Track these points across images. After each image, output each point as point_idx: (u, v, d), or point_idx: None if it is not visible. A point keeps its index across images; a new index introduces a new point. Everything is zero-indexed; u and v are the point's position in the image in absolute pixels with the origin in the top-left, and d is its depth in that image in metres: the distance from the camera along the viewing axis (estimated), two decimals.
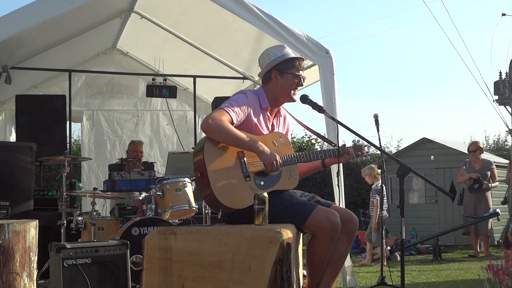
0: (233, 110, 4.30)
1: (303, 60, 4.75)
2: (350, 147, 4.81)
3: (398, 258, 11.66)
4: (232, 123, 4.27)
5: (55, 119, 9.59)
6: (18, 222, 3.45)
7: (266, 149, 4.29)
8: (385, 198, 10.89)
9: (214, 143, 4.23)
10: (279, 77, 4.62)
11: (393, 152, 20.10)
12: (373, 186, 11.36)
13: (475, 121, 43.74)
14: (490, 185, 11.53)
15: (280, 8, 47.61)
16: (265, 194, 3.98)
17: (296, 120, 4.92)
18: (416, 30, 45.76)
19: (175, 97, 10.62)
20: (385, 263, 7.90)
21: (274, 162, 4.27)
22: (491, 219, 11.14)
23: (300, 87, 4.66)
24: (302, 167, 4.84)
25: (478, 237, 11.86)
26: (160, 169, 10.61)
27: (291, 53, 4.73)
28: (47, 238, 6.55)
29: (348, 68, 42.15)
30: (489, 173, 11.68)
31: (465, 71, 46.18)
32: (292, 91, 4.62)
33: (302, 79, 4.64)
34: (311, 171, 5.03)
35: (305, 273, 4.59)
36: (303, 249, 4.75)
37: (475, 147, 11.88)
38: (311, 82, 8.59)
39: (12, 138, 11.30)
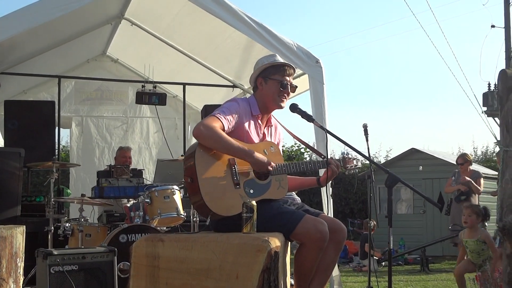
0: (225, 117, 4.30)
1: (292, 67, 4.72)
2: (338, 159, 4.81)
3: (383, 264, 11.68)
4: (223, 130, 4.27)
5: (43, 125, 9.56)
6: (5, 228, 3.43)
7: (257, 156, 4.29)
8: None
9: (205, 149, 4.23)
10: (263, 84, 4.62)
11: (382, 162, 20.16)
12: None
13: (463, 132, 43.97)
14: (474, 193, 11.54)
15: (270, 17, 47.75)
16: (254, 202, 3.98)
17: (287, 131, 4.92)
18: (406, 41, 46.03)
19: (165, 105, 10.60)
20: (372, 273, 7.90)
21: (266, 170, 4.30)
22: None
23: (286, 93, 4.61)
24: (296, 182, 4.86)
25: None
26: (149, 177, 10.60)
27: (280, 60, 4.73)
28: (34, 244, 6.52)
29: (338, 78, 42.27)
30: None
31: (454, 82, 46.41)
32: (278, 97, 4.59)
33: (287, 85, 4.60)
34: (306, 187, 5.06)
35: (293, 282, 4.58)
36: (290, 258, 4.75)
37: (463, 160, 11.89)
38: (300, 91, 8.58)
39: (0, 143, 11.26)
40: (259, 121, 4.63)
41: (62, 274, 5.28)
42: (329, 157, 4.76)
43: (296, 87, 4.73)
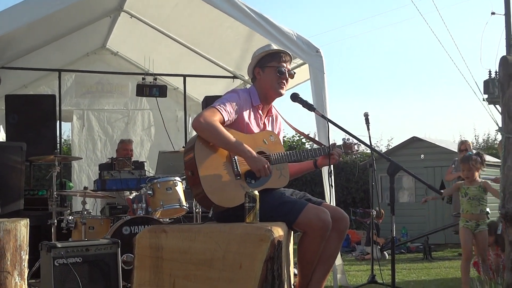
0: (224, 109, 4.30)
1: (287, 54, 4.71)
2: (340, 145, 4.81)
3: (387, 256, 11.71)
4: (223, 122, 4.27)
5: (45, 118, 9.57)
6: (9, 221, 3.44)
7: (254, 154, 4.27)
8: None
9: (205, 141, 4.23)
10: (261, 73, 4.62)
11: (383, 151, 20.15)
12: None
13: (465, 120, 43.99)
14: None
15: (270, 7, 47.67)
16: (256, 192, 3.98)
17: (287, 123, 4.90)
18: (406, 29, 46.00)
19: (165, 97, 10.60)
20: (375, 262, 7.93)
21: (262, 168, 4.26)
22: None
23: (284, 79, 4.60)
24: (294, 168, 4.84)
25: None
26: (151, 169, 10.61)
27: (274, 48, 4.73)
28: (37, 238, 6.53)
29: (339, 67, 42.24)
30: None
31: (455, 70, 46.38)
32: (277, 84, 4.59)
33: (284, 71, 4.58)
34: (303, 172, 5.03)
35: (296, 271, 4.59)
36: (294, 248, 4.76)
37: (465, 146, 11.86)
38: (301, 80, 8.61)
39: (2, 137, 11.27)
40: (260, 112, 4.63)
41: (66, 266, 5.29)
42: (331, 143, 4.74)
43: (294, 73, 4.74)
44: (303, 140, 22.80)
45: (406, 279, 8.55)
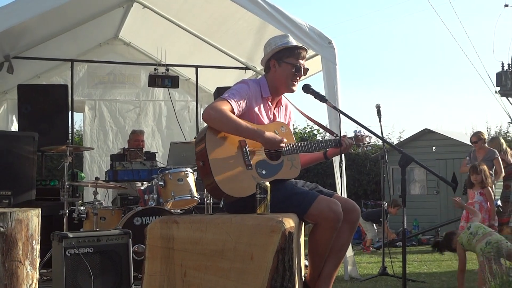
0: (234, 100, 4.28)
1: (305, 50, 4.68)
2: (351, 137, 4.79)
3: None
4: (233, 112, 4.25)
5: (57, 109, 9.60)
6: (20, 211, 3.45)
7: (267, 134, 4.29)
8: None
9: (215, 132, 4.22)
10: (277, 66, 4.58)
11: (394, 143, 20.09)
12: None
13: (477, 112, 43.81)
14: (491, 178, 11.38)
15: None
16: (267, 183, 3.97)
17: (298, 110, 4.89)
18: (419, 21, 45.81)
19: (177, 87, 10.61)
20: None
21: (279, 146, 4.29)
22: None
23: (299, 78, 4.59)
24: (304, 158, 4.82)
25: None
26: (162, 160, 10.63)
27: (293, 42, 4.69)
28: (49, 228, 6.55)
29: (351, 58, 42.12)
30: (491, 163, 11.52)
31: (467, 62, 46.25)
32: (291, 81, 4.56)
33: (301, 69, 4.57)
34: (313, 162, 5.02)
35: (307, 263, 4.59)
36: (305, 239, 4.75)
37: (476, 138, 11.77)
38: (313, 72, 8.58)
39: (14, 127, 11.32)
40: (269, 103, 4.61)
41: (77, 256, 5.32)
42: (341, 135, 4.73)
43: (308, 69, 4.71)
44: (315, 131, 22.75)
45: (417, 271, 8.53)
